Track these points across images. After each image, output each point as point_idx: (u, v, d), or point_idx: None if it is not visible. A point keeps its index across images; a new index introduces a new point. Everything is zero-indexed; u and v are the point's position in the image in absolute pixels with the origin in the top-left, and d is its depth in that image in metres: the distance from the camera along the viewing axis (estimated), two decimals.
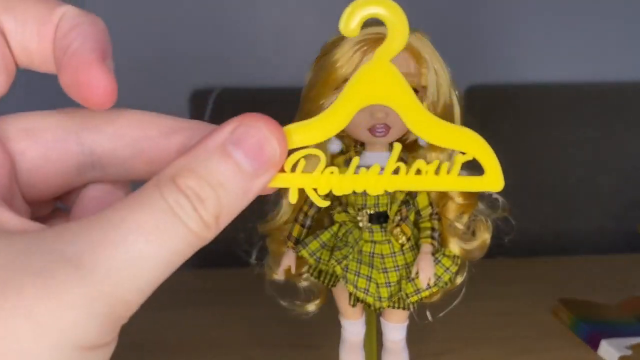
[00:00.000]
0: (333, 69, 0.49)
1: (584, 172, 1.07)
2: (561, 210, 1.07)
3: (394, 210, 0.51)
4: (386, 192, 0.48)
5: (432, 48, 0.49)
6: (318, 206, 0.53)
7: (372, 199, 0.52)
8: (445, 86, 0.50)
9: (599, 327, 0.65)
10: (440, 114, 0.50)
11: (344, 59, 0.48)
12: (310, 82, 0.52)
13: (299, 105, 0.53)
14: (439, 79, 0.50)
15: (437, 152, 0.52)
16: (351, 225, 0.53)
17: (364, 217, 0.51)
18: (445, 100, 0.50)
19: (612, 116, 1.07)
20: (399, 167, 0.33)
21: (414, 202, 0.52)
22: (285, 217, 0.55)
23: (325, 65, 0.49)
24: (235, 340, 0.66)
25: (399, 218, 0.51)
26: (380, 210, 0.51)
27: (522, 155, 1.07)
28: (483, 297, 0.74)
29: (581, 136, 1.07)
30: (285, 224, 0.55)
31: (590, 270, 0.83)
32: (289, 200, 0.54)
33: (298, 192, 0.54)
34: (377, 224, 0.51)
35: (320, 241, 0.53)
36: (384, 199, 0.51)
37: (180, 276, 0.82)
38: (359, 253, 0.52)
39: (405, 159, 0.50)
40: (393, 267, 0.52)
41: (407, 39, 0.30)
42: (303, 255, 0.53)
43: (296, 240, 0.54)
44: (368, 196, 0.51)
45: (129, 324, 0.24)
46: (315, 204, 0.55)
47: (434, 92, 0.49)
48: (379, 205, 0.51)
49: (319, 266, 0.53)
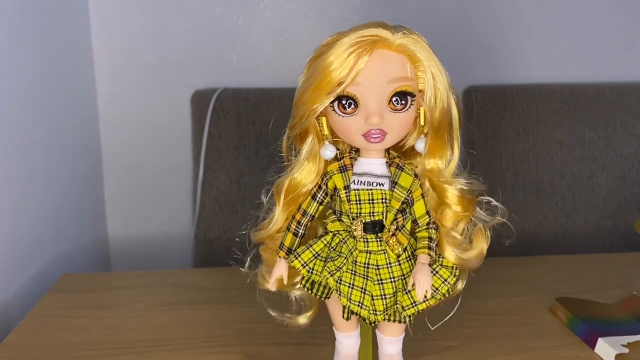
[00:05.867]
0: (327, 72, 0.46)
1: (582, 171, 1.07)
2: (559, 210, 1.07)
3: (389, 219, 0.49)
4: (382, 199, 0.49)
5: (429, 51, 0.48)
6: (311, 214, 0.52)
7: (367, 207, 0.49)
8: (443, 90, 0.48)
9: (596, 326, 0.66)
10: (437, 118, 0.49)
11: (338, 61, 0.46)
12: (303, 85, 0.50)
13: (292, 110, 0.51)
14: (437, 82, 0.48)
15: (435, 159, 0.51)
16: (345, 234, 0.51)
17: (359, 226, 0.49)
18: (443, 104, 0.49)
19: (609, 116, 1.08)
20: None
21: (411, 211, 0.51)
22: (278, 225, 0.54)
23: (319, 67, 0.47)
24: (236, 338, 0.66)
25: (395, 227, 0.50)
26: (376, 219, 0.49)
27: (520, 155, 1.07)
28: (481, 295, 0.75)
29: (578, 136, 1.07)
30: (277, 232, 0.54)
31: (588, 269, 0.83)
32: (281, 208, 0.53)
33: (291, 198, 0.53)
34: (372, 233, 0.50)
35: (312, 251, 0.52)
36: (379, 207, 0.49)
37: (180, 276, 0.82)
38: (353, 264, 0.50)
39: (402, 166, 0.50)
40: (389, 279, 0.50)
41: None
42: (295, 265, 0.51)
43: (288, 249, 0.52)
44: (363, 204, 0.49)
45: (129, 323, 0.24)
46: (308, 212, 0.53)
47: (431, 96, 0.48)
48: (375, 214, 0.49)
49: (312, 277, 0.52)
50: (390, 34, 0.46)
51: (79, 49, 1.06)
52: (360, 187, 0.49)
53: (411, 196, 0.50)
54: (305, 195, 0.52)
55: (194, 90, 1.08)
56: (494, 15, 1.12)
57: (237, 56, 1.12)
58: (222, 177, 1.05)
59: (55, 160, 0.94)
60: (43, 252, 0.89)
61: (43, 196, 0.90)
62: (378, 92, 0.47)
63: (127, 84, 1.11)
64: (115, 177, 1.15)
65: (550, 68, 1.15)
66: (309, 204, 0.52)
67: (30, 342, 0.65)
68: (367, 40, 0.46)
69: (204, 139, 1.04)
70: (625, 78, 1.15)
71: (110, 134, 1.13)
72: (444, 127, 0.50)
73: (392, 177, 0.49)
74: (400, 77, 0.47)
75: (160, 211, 1.17)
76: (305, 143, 0.52)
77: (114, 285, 0.82)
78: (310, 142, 0.52)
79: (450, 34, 1.10)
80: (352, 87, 0.47)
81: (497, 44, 1.13)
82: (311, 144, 0.52)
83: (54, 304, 0.74)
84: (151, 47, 1.10)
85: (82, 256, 1.03)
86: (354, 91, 0.47)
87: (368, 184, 0.49)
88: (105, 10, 1.08)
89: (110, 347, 0.64)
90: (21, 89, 0.83)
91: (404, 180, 0.49)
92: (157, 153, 1.14)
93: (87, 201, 1.09)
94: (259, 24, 1.11)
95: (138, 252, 1.18)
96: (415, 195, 0.50)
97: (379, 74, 0.47)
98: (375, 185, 0.49)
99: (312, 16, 1.11)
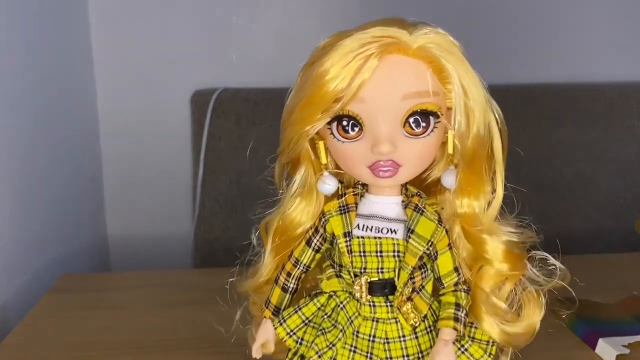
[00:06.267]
0: (321, 83, 0.35)
1: (583, 171, 1.07)
2: (560, 210, 1.07)
3: (403, 279, 0.38)
4: (394, 252, 0.36)
5: (460, 57, 0.37)
6: (306, 265, 0.41)
7: (374, 261, 0.38)
8: (478, 110, 0.37)
9: (596, 326, 0.65)
10: (471, 148, 0.37)
11: (336, 69, 0.35)
12: (292, 100, 0.40)
13: (280, 130, 0.41)
14: (469, 100, 0.37)
15: (469, 199, 0.39)
16: (345, 296, 0.39)
17: (363, 286, 0.38)
18: (478, 129, 0.37)
19: (611, 116, 1.08)
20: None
21: (434, 265, 0.39)
22: (266, 275, 0.43)
23: (311, 77, 0.36)
24: (236, 339, 0.66)
25: (410, 289, 0.38)
26: (385, 277, 0.38)
27: (521, 155, 1.07)
28: None
29: (579, 136, 1.07)
30: (266, 284, 0.44)
31: (589, 270, 0.83)
32: (269, 253, 0.41)
33: (282, 241, 0.41)
34: (380, 296, 0.38)
35: (302, 316, 0.41)
36: (390, 262, 0.38)
37: (180, 276, 0.82)
38: (353, 336, 0.39)
39: (421, 208, 0.38)
40: (401, 357, 0.38)
41: None
42: (279, 334, 0.41)
43: (276, 308, 0.42)
44: (369, 257, 0.38)
45: (129, 324, 0.24)
46: (301, 261, 0.40)
47: (462, 118, 0.36)
48: (384, 270, 0.38)
49: (300, 350, 0.41)
50: (406, 34, 0.36)
51: (78, 49, 1.06)
52: (365, 234, 0.38)
53: (434, 248, 0.38)
54: (299, 239, 0.42)
55: (193, 90, 1.08)
56: (494, 15, 1.12)
57: (237, 56, 1.12)
58: (222, 177, 1.05)
59: (54, 160, 0.94)
60: (42, 252, 0.89)
61: (42, 196, 0.90)
62: (389, 111, 0.36)
63: (127, 84, 1.10)
64: (115, 177, 1.15)
65: (552, 68, 1.15)
66: (302, 251, 0.41)
67: (30, 342, 0.65)
68: (375, 42, 0.35)
69: (203, 139, 1.04)
70: (626, 78, 1.15)
71: (110, 134, 1.13)
72: (480, 159, 0.38)
73: (408, 223, 0.38)
74: (420, 92, 0.36)
75: (160, 211, 1.17)
76: (298, 173, 0.42)
77: (113, 285, 0.82)
78: (303, 172, 0.41)
79: (450, 33, 1.10)
80: (355, 104, 0.36)
81: (498, 43, 1.13)
82: (305, 175, 0.41)
83: (53, 304, 0.74)
84: (151, 47, 1.09)
85: (81, 256, 1.03)
86: (357, 109, 0.36)
87: (376, 230, 0.38)
88: (105, 10, 1.08)
89: (109, 348, 0.63)
90: (20, 89, 0.83)
91: (423, 227, 0.38)
92: (156, 153, 1.14)
93: (86, 201, 1.09)
94: (259, 24, 1.11)
95: (138, 253, 1.17)
96: (440, 247, 0.39)
97: (391, 86, 0.36)
98: (386, 233, 0.38)
99: (313, 16, 1.11)
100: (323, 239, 0.41)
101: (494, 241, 0.40)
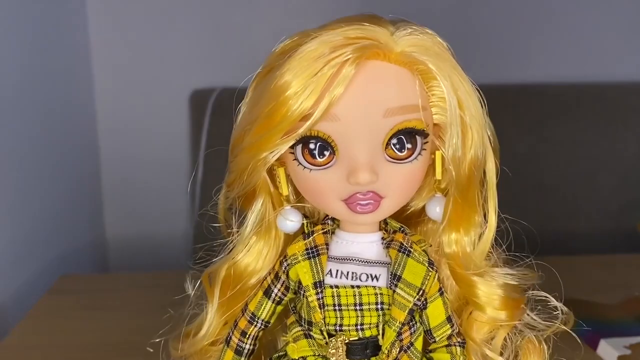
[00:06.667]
0: (281, 100, 0.28)
1: (583, 172, 1.07)
2: (560, 210, 1.07)
3: (389, 338, 0.30)
4: (377, 303, 0.29)
5: (451, 62, 0.32)
6: (264, 320, 0.33)
7: (352, 317, 0.30)
8: (476, 127, 0.32)
9: (598, 327, 0.65)
10: (467, 173, 0.31)
11: (299, 81, 0.27)
12: (243, 120, 0.33)
13: (229, 157, 0.34)
14: (466, 115, 0.31)
15: (459, 233, 0.32)
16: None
17: (340, 349, 0.30)
18: (475, 151, 0.31)
19: (612, 116, 1.07)
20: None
21: (422, 316, 0.32)
22: (211, 335, 0.35)
23: (268, 91, 0.29)
24: None
25: (397, 350, 0.31)
26: (366, 335, 0.31)
27: (521, 156, 1.07)
28: None
29: (580, 136, 1.07)
30: (212, 346, 0.35)
31: (590, 270, 0.83)
32: (215, 310, 0.33)
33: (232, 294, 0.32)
34: (362, 359, 0.31)
35: None
36: (372, 316, 0.30)
37: (178, 276, 0.82)
38: None
39: (407, 248, 0.31)
40: None
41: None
42: None
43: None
44: (345, 311, 0.30)
45: (128, 325, 0.24)
46: (258, 316, 0.31)
47: (455, 137, 0.30)
48: (364, 327, 0.30)
49: None
50: (387, 34, 0.30)
51: (77, 49, 1.05)
52: (340, 282, 0.30)
53: (424, 297, 0.31)
54: (254, 290, 0.34)
55: (192, 90, 1.08)
56: (495, 14, 1.12)
57: (236, 56, 1.11)
58: (221, 177, 1.04)
59: (53, 160, 0.94)
60: (41, 253, 0.89)
61: (40, 197, 0.89)
62: (368, 132, 0.29)
63: (126, 83, 1.10)
64: (114, 178, 1.15)
65: (553, 68, 1.14)
66: (259, 303, 0.33)
67: (28, 343, 0.65)
68: (350, 45, 0.28)
69: (202, 139, 1.04)
70: (628, 78, 1.15)
71: (109, 134, 1.13)
72: (474, 186, 0.32)
73: (393, 267, 0.30)
74: (405, 106, 0.29)
75: (158, 211, 1.16)
76: (253, 208, 0.35)
77: (112, 286, 0.82)
78: (260, 207, 0.34)
79: (450, 33, 1.09)
80: (326, 122, 0.29)
81: (499, 43, 1.13)
82: (261, 210, 0.34)
83: (52, 305, 0.74)
84: (150, 46, 1.09)
85: (80, 257, 1.03)
86: (329, 129, 0.29)
87: (353, 277, 0.30)
88: (104, 10, 1.08)
89: (109, 349, 0.63)
90: (19, 89, 0.83)
91: (411, 272, 0.30)
92: (155, 153, 1.14)
93: (85, 202, 1.09)
94: (259, 24, 1.11)
95: (136, 253, 1.17)
96: (430, 293, 0.32)
97: (370, 101, 0.29)
98: (365, 280, 0.30)
99: (313, 16, 1.11)
100: (285, 288, 0.33)
101: (488, 284, 0.33)
